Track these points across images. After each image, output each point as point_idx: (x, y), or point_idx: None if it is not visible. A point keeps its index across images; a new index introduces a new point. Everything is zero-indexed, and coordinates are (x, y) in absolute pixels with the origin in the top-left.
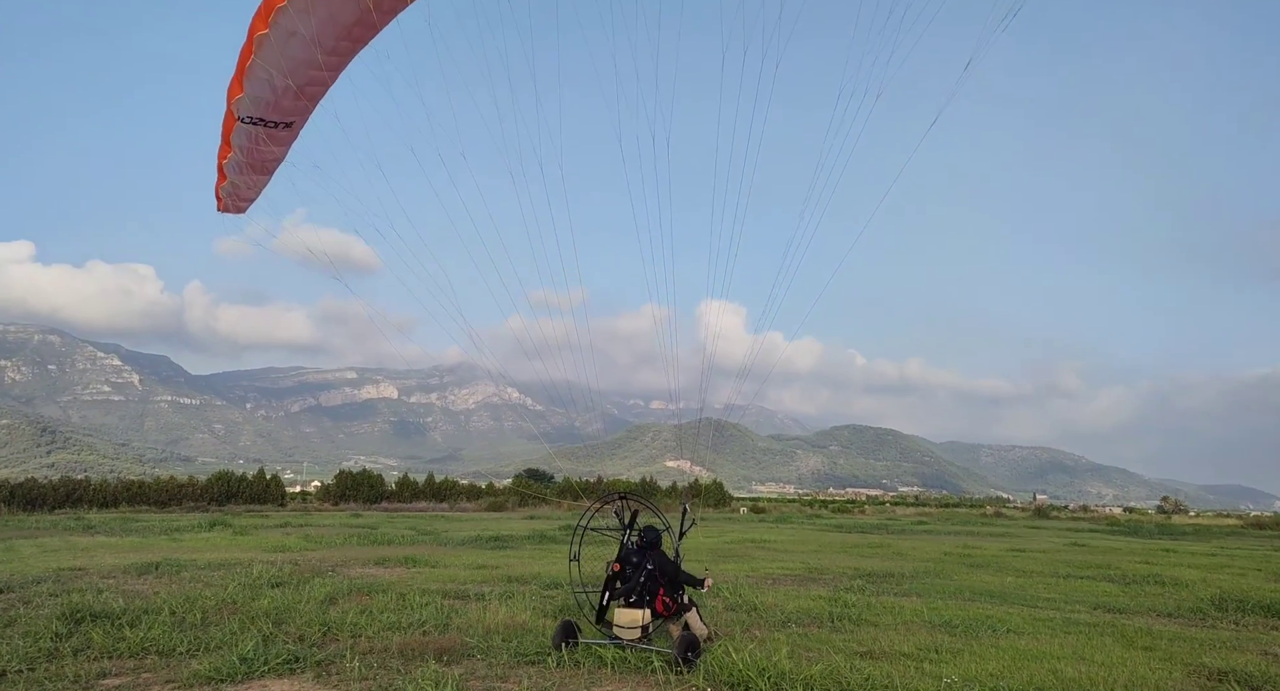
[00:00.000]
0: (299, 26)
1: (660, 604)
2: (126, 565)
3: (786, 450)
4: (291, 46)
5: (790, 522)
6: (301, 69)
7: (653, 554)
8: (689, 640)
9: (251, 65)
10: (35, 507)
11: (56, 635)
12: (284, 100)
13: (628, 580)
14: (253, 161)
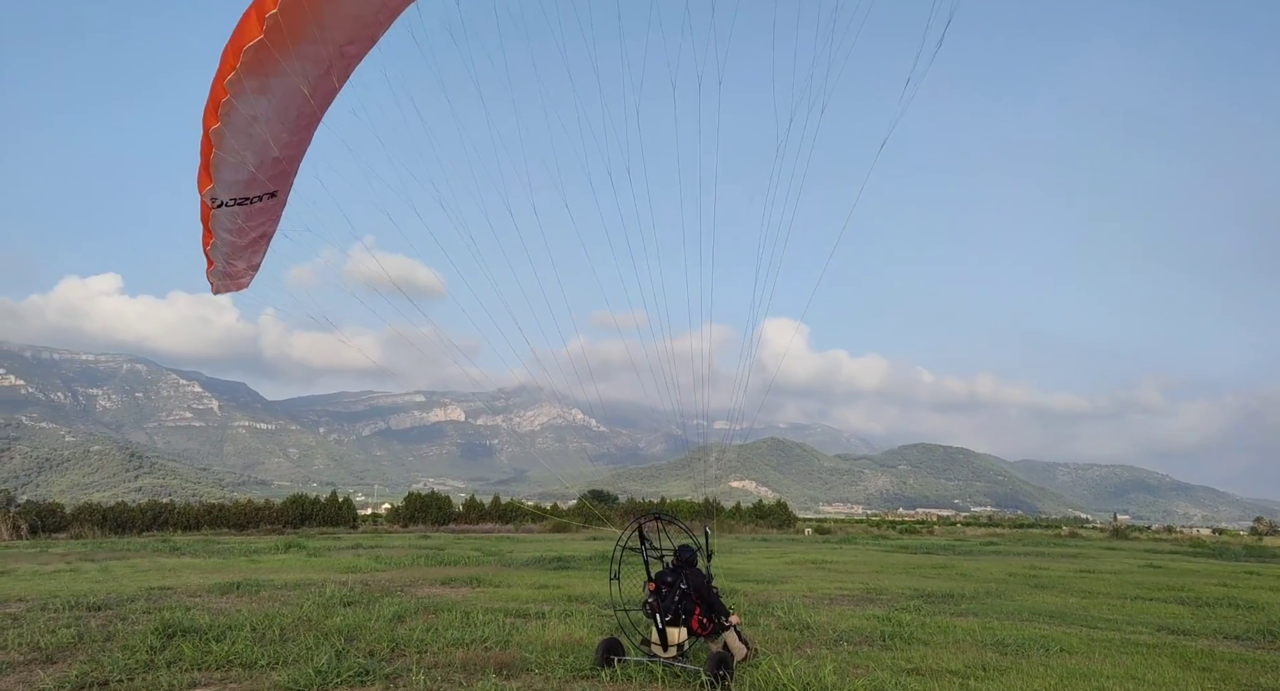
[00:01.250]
0: (255, 110)
1: (696, 623)
2: (210, 585)
3: (854, 470)
4: (255, 129)
5: (855, 543)
6: (270, 146)
7: (688, 572)
8: (721, 658)
9: (215, 158)
10: (125, 530)
11: (151, 648)
12: (260, 174)
13: (663, 599)
14: (239, 242)
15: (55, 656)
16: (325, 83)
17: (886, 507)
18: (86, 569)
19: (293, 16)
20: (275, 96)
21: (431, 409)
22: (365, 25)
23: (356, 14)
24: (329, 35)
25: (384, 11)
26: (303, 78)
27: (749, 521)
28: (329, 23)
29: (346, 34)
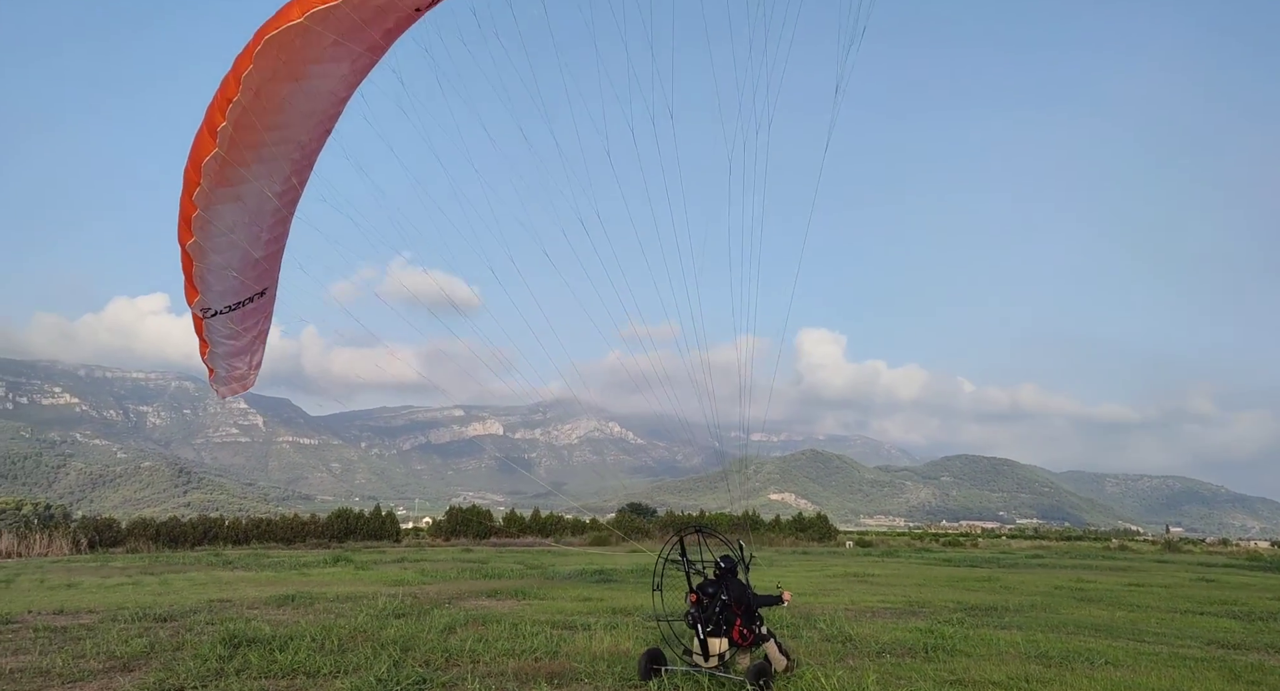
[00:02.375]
0: (229, 220)
1: (737, 633)
2: (266, 597)
3: (895, 481)
4: (234, 236)
5: (897, 556)
6: (250, 251)
7: (728, 583)
8: (761, 668)
9: (199, 272)
10: (178, 544)
11: (220, 657)
12: (247, 279)
13: (705, 610)
14: (238, 344)
15: (131, 664)
16: (290, 181)
17: (929, 520)
18: (147, 582)
19: (244, 127)
20: (246, 202)
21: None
22: (320, 120)
23: (308, 111)
24: (286, 135)
25: (336, 103)
26: (268, 180)
27: (789, 534)
28: (283, 123)
29: (303, 132)
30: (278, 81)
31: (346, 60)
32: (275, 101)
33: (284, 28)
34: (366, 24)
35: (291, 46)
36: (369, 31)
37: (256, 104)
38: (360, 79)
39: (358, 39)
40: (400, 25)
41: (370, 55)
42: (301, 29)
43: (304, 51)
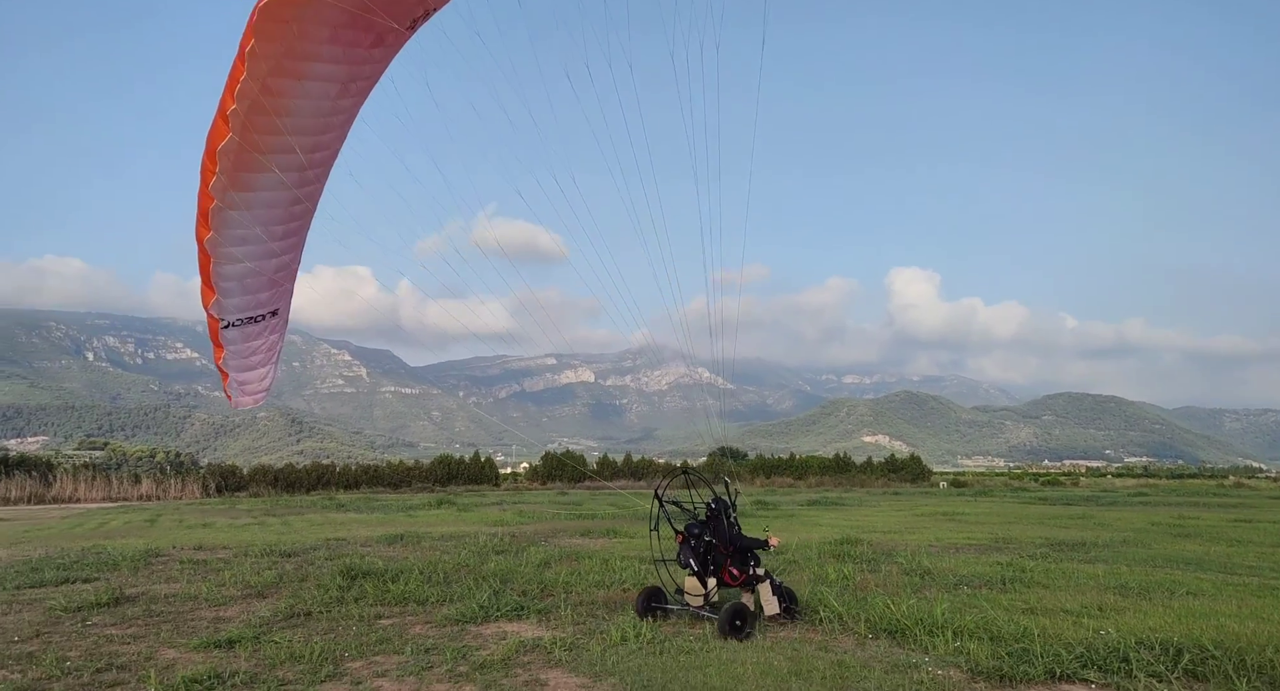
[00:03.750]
0: (245, 213)
1: (726, 574)
2: (377, 536)
3: (994, 422)
4: (250, 232)
5: (991, 496)
6: (267, 256)
7: (716, 524)
8: (737, 609)
9: (215, 273)
10: (294, 489)
11: (340, 587)
12: (261, 294)
13: (693, 551)
14: (251, 360)
15: (264, 592)
16: (307, 173)
17: (1030, 460)
18: (270, 523)
19: (256, 110)
20: (262, 194)
21: (562, 371)
22: (330, 113)
23: (317, 104)
24: (299, 123)
25: (344, 98)
26: (284, 169)
27: (880, 475)
28: (294, 108)
29: (318, 116)
30: (288, 59)
31: (364, 29)
32: (285, 80)
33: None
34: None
35: (287, 15)
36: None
37: (266, 83)
38: (381, 51)
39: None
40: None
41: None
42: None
43: (306, 21)
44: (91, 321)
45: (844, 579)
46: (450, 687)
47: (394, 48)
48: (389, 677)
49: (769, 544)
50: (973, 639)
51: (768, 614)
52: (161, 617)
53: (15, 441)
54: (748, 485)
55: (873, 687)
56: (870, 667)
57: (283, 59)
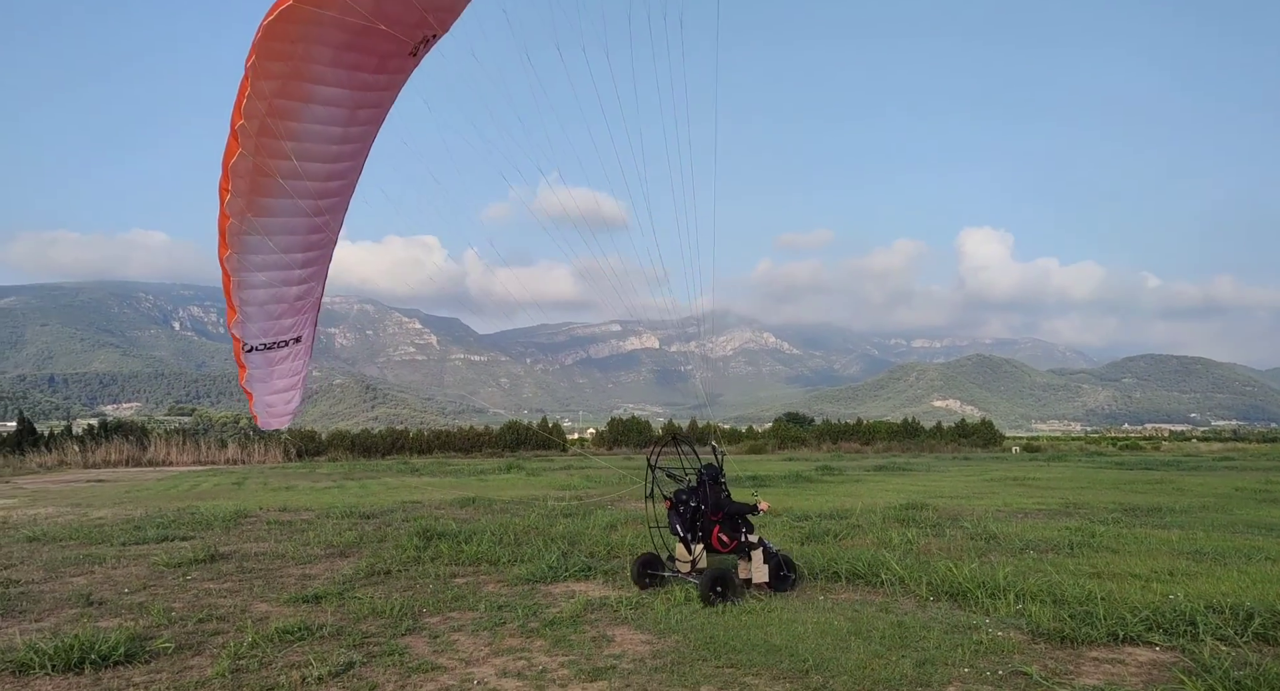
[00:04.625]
0: (263, 233)
1: (716, 540)
2: (450, 499)
3: (1070, 385)
4: (268, 255)
5: (1065, 461)
6: (287, 279)
7: (703, 490)
8: (718, 576)
9: (235, 290)
10: (370, 454)
11: (416, 547)
12: (284, 320)
13: (681, 517)
14: (277, 384)
15: (346, 551)
16: (323, 201)
17: (1109, 424)
18: (349, 486)
19: (266, 131)
20: (279, 220)
21: (627, 337)
22: (340, 140)
23: (325, 129)
24: (309, 149)
25: (353, 125)
26: (299, 196)
27: (950, 441)
28: (303, 135)
29: (326, 149)
30: (293, 80)
31: (366, 52)
32: (291, 102)
33: (281, 9)
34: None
35: (292, 34)
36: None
37: (273, 104)
38: (398, 67)
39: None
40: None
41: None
42: (296, 8)
43: (309, 41)
44: (177, 292)
45: (907, 543)
46: (522, 642)
47: (399, 74)
48: (464, 632)
49: (758, 508)
50: (1035, 601)
51: (755, 582)
52: (253, 574)
53: (112, 407)
54: (813, 450)
55: (931, 647)
56: (930, 628)
57: (288, 80)
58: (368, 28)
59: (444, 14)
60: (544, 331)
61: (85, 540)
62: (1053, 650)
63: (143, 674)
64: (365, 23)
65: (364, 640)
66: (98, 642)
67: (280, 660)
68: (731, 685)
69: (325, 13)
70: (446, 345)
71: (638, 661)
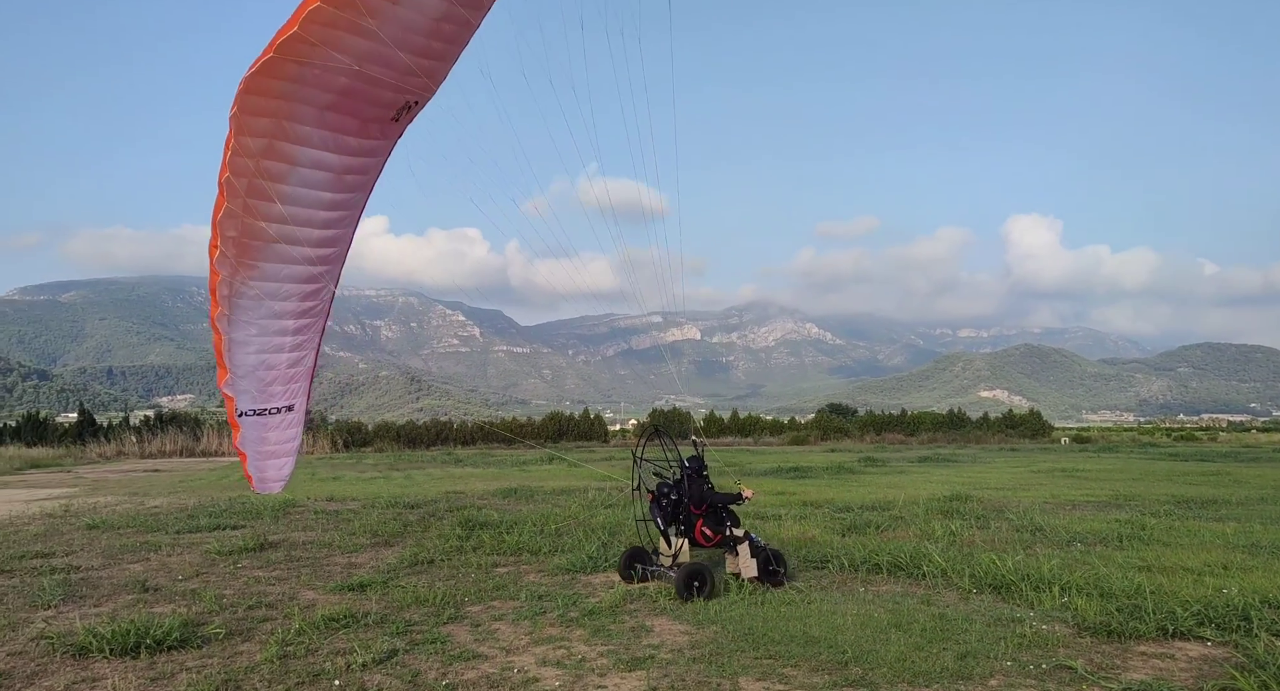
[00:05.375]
0: (251, 296)
1: (699, 534)
2: (493, 490)
3: (1122, 375)
4: (261, 307)
5: (1116, 452)
6: (277, 354)
7: (689, 483)
8: (694, 571)
9: (225, 353)
10: (415, 444)
11: (459, 537)
12: (275, 386)
13: (662, 510)
14: (264, 449)
15: (391, 541)
16: (314, 269)
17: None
18: (394, 476)
19: (252, 191)
20: (269, 285)
21: (668, 329)
22: (329, 206)
23: (314, 195)
24: (297, 214)
25: (340, 191)
26: (288, 262)
27: (997, 432)
28: (291, 198)
29: (314, 214)
30: (279, 140)
31: (349, 114)
32: (278, 163)
33: (262, 62)
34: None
35: (273, 91)
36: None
37: (261, 165)
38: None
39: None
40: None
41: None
42: (277, 63)
43: (291, 99)
44: None
45: (950, 535)
46: (562, 631)
47: (383, 140)
48: (505, 621)
49: (742, 496)
50: (1081, 595)
51: (745, 577)
52: (301, 562)
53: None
54: (857, 442)
55: (973, 640)
56: (972, 621)
57: (274, 140)
58: (350, 87)
59: (424, 81)
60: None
61: (142, 528)
62: (1099, 644)
63: (195, 658)
64: (347, 81)
65: (407, 628)
66: (153, 627)
67: (326, 647)
68: (770, 676)
69: (307, 70)
70: (490, 337)
71: (676, 652)
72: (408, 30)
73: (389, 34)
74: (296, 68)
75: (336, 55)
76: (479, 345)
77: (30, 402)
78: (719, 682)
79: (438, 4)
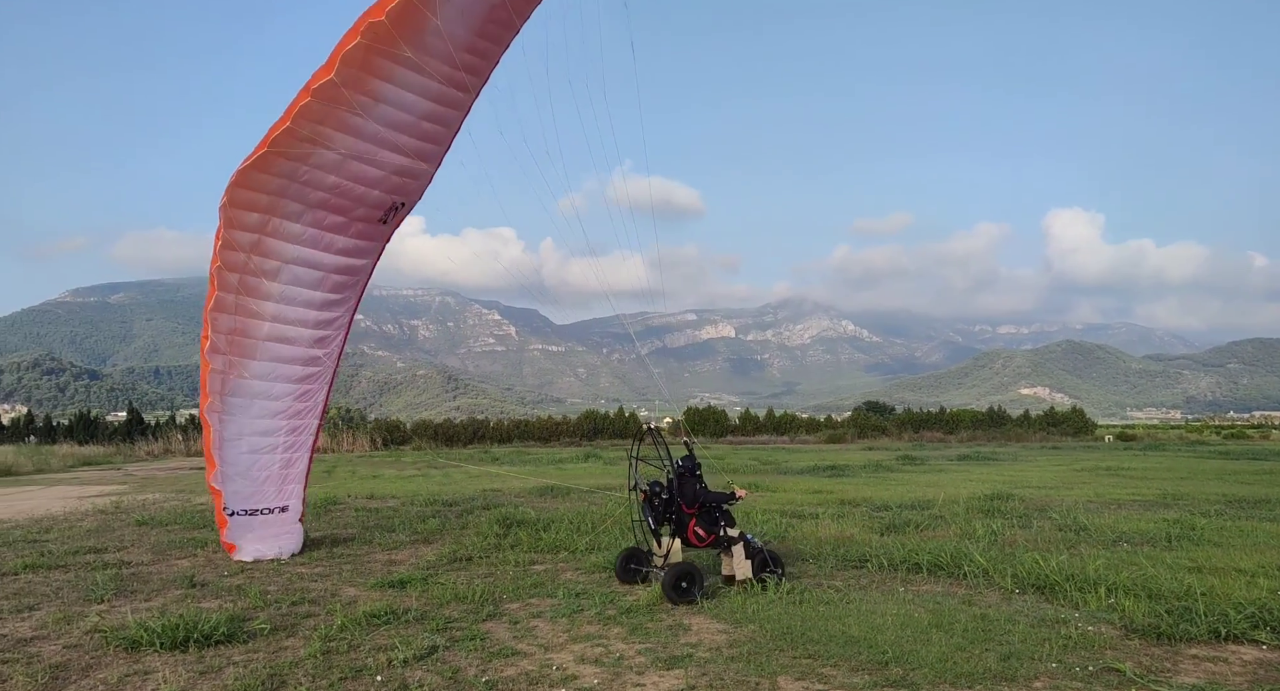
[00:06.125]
0: (245, 413)
1: (692, 535)
2: (529, 488)
3: (1169, 371)
4: (253, 430)
5: (1163, 450)
6: (271, 452)
7: (682, 483)
8: (680, 573)
9: (214, 450)
10: (452, 442)
11: (497, 535)
12: (268, 487)
13: (653, 509)
14: (253, 546)
15: (430, 538)
16: (309, 369)
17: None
18: (433, 474)
19: (243, 288)
20: (261, 382)
21: (702, 326)
22: (320, 306)
23: (305, 294)
24: (285, 312)
25: (327, 290)
26: (281, 359)
27: (1038, 430)
28: (280, 296)
29: (307, 314)
30: (268, 236)
31: (336, 211)
32: (268, 260)
33: (257, 157)
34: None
35: (265, 186)
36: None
37: (251, 263)
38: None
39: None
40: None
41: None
42: (270, 158)
43: (280, 195)
44: None
45: (991, 534)
46: (599, 628)
47: (371, 242)
48: (543, 618)
49: (735, 496)
50: (1128, 596)
51: (739, 579)
52: (342, 559)
53: None
54: (894, 440)
55: (1017, 641)
56: (1015, 622)
57: (264, 236)
58: (338, 185)
59: (411, 182)
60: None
61: (189, 525)
62: (1148, 647)
63: (241, 653)
64: (336, 179)
65: (447, 625)
66: (201, 622)
67: (368, 643)
68: (809, 675)
69: (297, 166)
70: (525, 336)
71: (714, 650)
72: (393, 127)
73: (374, 131)
74: (287, 163)
75: (324, 152)
76: (514, 344)
77: (82, 402)
78: (758, 681)
79: (418, 102)
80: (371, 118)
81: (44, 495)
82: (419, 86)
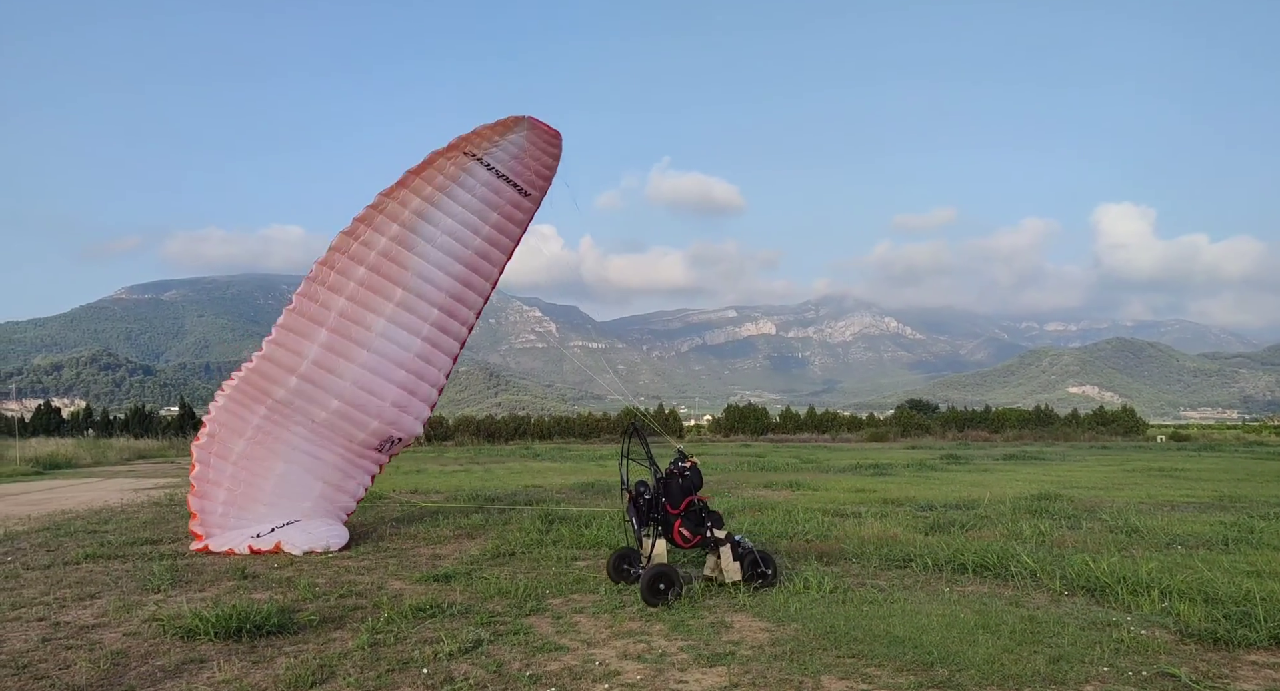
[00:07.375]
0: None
1: (677, 534)
2: (571, 484)
3: (1225, 370)
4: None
5: (1219, 451)
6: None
7: (665, 481)
8: (657, 574)
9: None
10: (494, 438)
11: (539, 531)
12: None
13: (638, 510)
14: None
15: (474, 533)
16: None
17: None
18: (475, 470)
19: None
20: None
21: (743, 324)
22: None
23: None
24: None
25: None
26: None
27: (1087, 429)
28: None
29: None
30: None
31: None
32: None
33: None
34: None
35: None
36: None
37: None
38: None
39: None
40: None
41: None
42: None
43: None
44: None
45: (1039, 535)
46: (641, 625)
47: (370, 462)
48: (586, 614)
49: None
50: (1183, 599)
51: (728, 580)
52: (388, 553)
53: None
54: (938, 439)
55: (1066, 644)
56: (1064, 624)
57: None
58: (333, 423)
59: (409, 423)
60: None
61: None
62: (1204, 652)
63: (291, 643)
64: (329, 417)
65: (491, 619)
66: (252, 613)
67: (414, 636)
68: (853, 675)
69: (296, 399)
70: (565, 333)
71: (756, 648)
72: (392, 363)
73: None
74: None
75: (331, 378)
76: (555, 340)
77: (137, 396)
78: (801, 680)
79: (410, 340)
80: (373, 349)
81: (102, 487)
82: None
